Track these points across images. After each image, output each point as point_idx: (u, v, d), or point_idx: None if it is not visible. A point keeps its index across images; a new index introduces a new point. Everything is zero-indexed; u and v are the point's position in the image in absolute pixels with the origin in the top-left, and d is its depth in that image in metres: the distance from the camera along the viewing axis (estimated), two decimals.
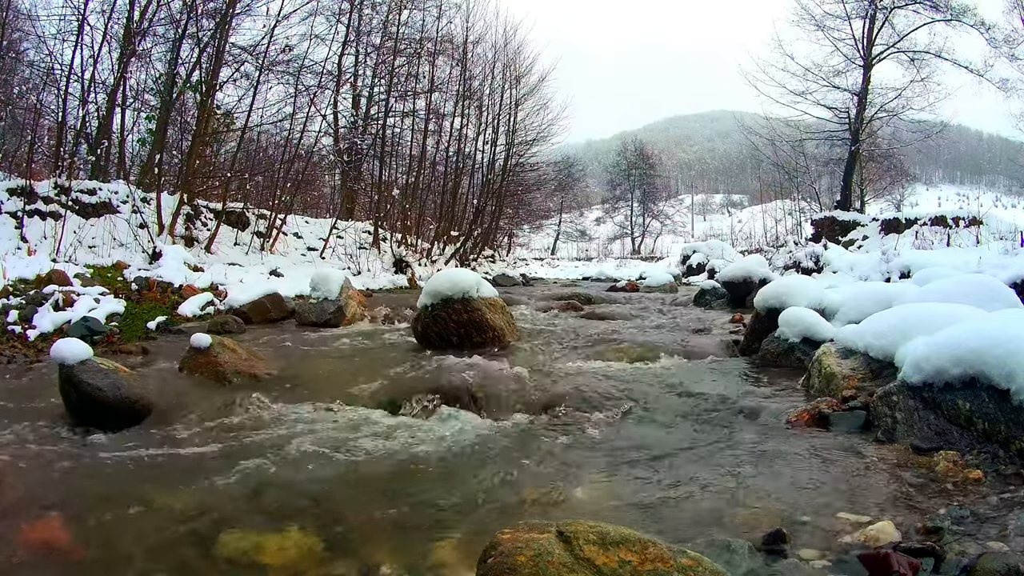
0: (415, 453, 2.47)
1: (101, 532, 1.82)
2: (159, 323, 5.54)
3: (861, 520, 1.66)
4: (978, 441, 2.06)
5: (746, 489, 1.95)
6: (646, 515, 1.82)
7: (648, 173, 45.66)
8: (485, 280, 5.00)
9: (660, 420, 2.83)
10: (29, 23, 9.98)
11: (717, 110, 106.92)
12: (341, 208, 14.74)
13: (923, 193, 44.78)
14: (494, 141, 17.77)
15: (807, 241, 15.74)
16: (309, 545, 1.75)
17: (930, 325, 2.57)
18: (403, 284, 11.17)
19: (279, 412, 3.05)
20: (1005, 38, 15.73)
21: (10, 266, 5.82)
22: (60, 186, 7.89)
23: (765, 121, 19.24)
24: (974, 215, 12.48)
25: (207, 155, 10.79)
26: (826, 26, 17.86)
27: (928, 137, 17.94)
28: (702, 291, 8.39)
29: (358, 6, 13.38)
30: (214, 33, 9.86)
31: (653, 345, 4.59)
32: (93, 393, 2.81)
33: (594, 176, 55.31)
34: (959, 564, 1.38)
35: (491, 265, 17.63)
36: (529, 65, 18.46)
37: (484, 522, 1.83)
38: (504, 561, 1.22)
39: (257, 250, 10.28)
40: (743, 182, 65.86)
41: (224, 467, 2.29)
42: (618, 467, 2.27)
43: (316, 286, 6.36)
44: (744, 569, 1.44)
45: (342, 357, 4.44)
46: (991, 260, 7.25)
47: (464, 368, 3.55)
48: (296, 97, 11.41)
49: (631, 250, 42.18)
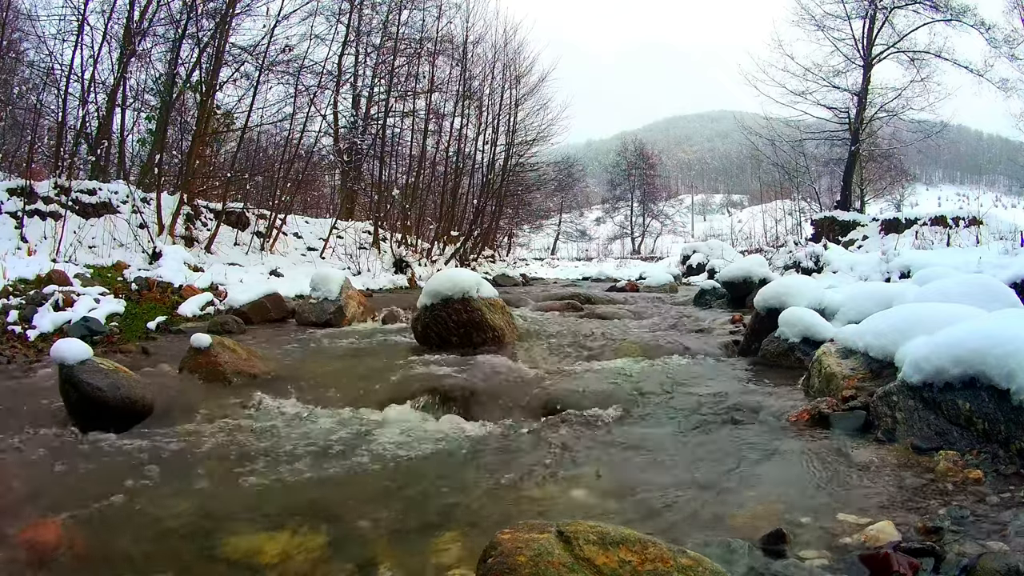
0: (415, 453, 2.47)
1: (101, 532, 1.82)
2: (159, 323, 5.54)
3: (861, 520, 1.66)
4: (978, 441, 2.05)
5: (746, 489, 1.95)
6: (646, 515, 1.82)
7: (648, 173, 45.70)
8: (485, 280, 5.00)
9: (660, 420, 2.83)
10: (29, 23, 10.00)
11: (717, 110, 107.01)
12: (341, 208, 14.75)
13: (923, 193, 44.80)
14: (494, 141, 17.78)
15: (807, 241, 15.75)
16: (309, 545, 1.75)
17: (930, 325, 2.56)
18: (403, 284, 11.17)
19: (279, 412, 3.05)
20: (1005, 38, 15.76)
21: (10, 266, 5.82)
22: (60, 186, 7.89)
23: (765, 121, 19.27)
24: (974, 215, 12.48)
25: (207, 155, 10.79)
26: (826, 26, 17.89)
27: (928, 137, 17.95)
28: (702, 291, 8.38)
29: (358, 6, 13.39)
30: (214, 33, 9.86)
31: (653, 345, 4.59)
32: (93, 393, 2.81)
33: (594, 176, 55.37)
34: (959, 564, 1.38)
35: (491, 265, 17.63)
36: (529, 65, 18.51)
37: (484, 522, 1.83)
38: (504, 561, 1.22)
39: (257, 250, 10.28)
40: (743, 182, 65.86)
41: (224, 467, 2.30)
42: (618, 467, 2.27)
43: (316, 286, 6.37)
44: (744, 569, 1.44)
45: (342, 357, 4.44)
46: (991, 260, 7.24)
47: (464, 368, 3.55)
48: (296, 97, 11.42)
49: (631, 250, 42.21)
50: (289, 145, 11.69)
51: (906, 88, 17.28)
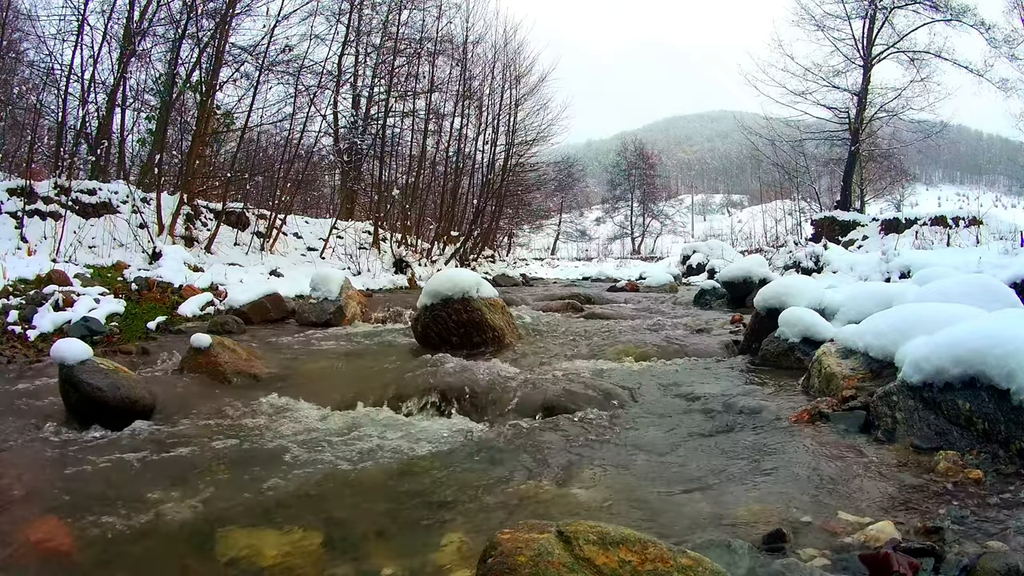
0: (415, 453, 2.46)
1: (101, 532, 1.82)
2: (159, 323, 5.54)
3: (861, 520, 1.66)
4: (978, 441, 2.05)
5: (746, 489, 1.95)
6: (646, 515, 1.82)
7: (648, 173, 45.69)
8: (485, 280, 5.00)
9: (660, 420, 2.83)
10: (29, 23, 10.00)
11: (717, 110, 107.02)
12: (341, 208, 14.75)
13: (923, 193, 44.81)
14: (494, 141, 17.78)
15: (807, 241, 15.75)
16: (309, 545, 1.75)
17: (930, 325, 2.56)
18: (403, 284, 11.17)
19: (279, 412, 3.05)
20: (1005, 38, 15.77)
21: (10, 266, 5.82)
22: (60, 186, 7.89)
23: (765, 121, 19.28)
24: (974, 215, 12.49)
25: (207, 155, 10.79)
26: (826, 26, 17.90)
27: (928, 137, 17.96)
28: (702, 291, 8.38)
29: (358, 6, 13.39)
30: (214, 33, 9.86)
31: (653, 345, 4.59)
32: (93, 393, 2.81)
33: (594, 176, 55.38)
34: (959, 564, 1.38)
35: (491, 265, 17.63)
36: (529, 65, 18.50)
37: (484, 522, 1.83)
38: (504, 561, 1.22)
39: (257, 250, 10.28)
40: (743, 182, 65.86)
41: (224, 467, 2.30)
42: (618, 467, 2.27)
43: (316, 286, 6.37)
44: (744, 569, 1.44)
45: (342, 357, 4.44)
46: (991, 260, 7.24)
47: (464, 368, 3.55)
48: (296, 97, 11.43)
49: (631, 250, 42.21)
50: (289, 145, 11.69)
51: (906, 88, 17.31)
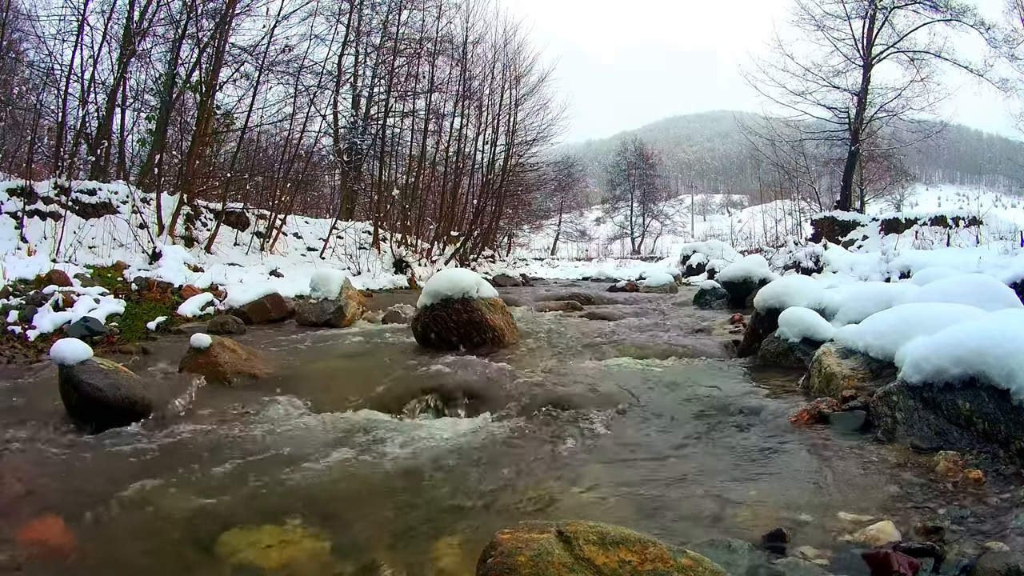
0: (415, 453, 2.46)
1: (101, 532, 1.82)
2: (159, 323, 5.54)
3: (861, 520, 1.66)
4: (978, 441, 2.05)
5: (746, 489, 1.95)
6: (646, 515, 1.82)
7: (648, 173, 45.71)
8: (485, 280, 5.00)
9: (660, 420, 2.82)
10: (29, 23, 10.00)
11: (717, 110, 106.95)
12: (341, 208, 14.75)
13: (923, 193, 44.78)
14: (494, 141, 17.79)
15: (807, 241, 15.74)
16: (309, 545, 1.75)
17: (930, 325, 2.56)
18: (403, 284, 11.17)
19: (279, 412, 3.05)
20: (1005, 38, 15.77)
21: (10, 266, 5.82)
22: (60, 186, 7.89)
23: (765, 121, 19.27)
24: (974, 215, 12.49)
25: (207, 155, 10.79)
26: (826, 26, 17.90)
27: (928, 137, 17.96)
28: (702, 291, 8.38)
29: (358, 6, 13.39)
30: (214, 33, 9.87)
31: (653, 345, 4.59)
32: (93, 393, 2.81)
33: (594, 176, 55.40)
34: (959, 564, 1.38)
35: (491, 265, 17.63)
36: (529, 65, 18.51)
37: (484, 522, 1.83)
38: (504, 561, 1.22)
39: (257, 250, 10.28)
40: (743, 182, 65.88)
41: (224, 467, 2.29)
42: (618, 467, 2.27)
43: (316, 286, 6.36)
44: (744, 569, 1.44)
45: (342, 357, 4.44)
46: (991, 260, 7.24)
47: (464, 368, 3.55)
48: (296, 97, 11.43)
49: (631, 250, 42.22)
50: (289, 145, 11.69)
51: (906, 88, 17.31)
